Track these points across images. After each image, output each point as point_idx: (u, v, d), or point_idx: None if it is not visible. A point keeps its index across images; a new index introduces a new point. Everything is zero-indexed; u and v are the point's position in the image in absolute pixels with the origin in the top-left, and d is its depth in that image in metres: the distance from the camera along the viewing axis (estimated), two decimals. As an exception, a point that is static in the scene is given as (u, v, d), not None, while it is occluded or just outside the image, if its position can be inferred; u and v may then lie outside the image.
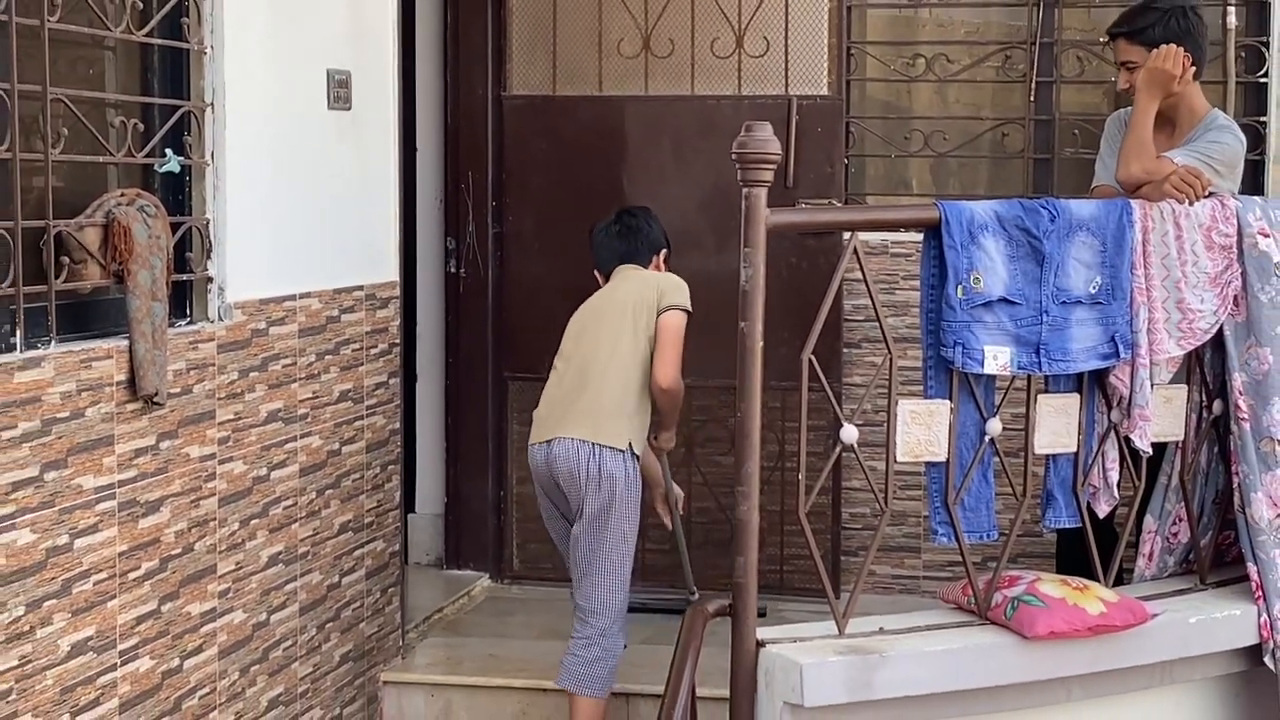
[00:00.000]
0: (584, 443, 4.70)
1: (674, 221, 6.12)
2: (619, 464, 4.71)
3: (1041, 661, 3.84)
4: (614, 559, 4.75)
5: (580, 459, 4.70)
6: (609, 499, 4.70)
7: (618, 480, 4.71)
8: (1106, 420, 4.04)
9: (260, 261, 4.35)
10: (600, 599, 4.74)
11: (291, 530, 4.55)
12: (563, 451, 4.71)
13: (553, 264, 6.13)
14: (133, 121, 3.88)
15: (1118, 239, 3.96)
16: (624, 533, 4.76)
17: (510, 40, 6.27)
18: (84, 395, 3.56)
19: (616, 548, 4.75)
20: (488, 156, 6.26)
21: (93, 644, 3.62)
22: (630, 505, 4.77)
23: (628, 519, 4.77)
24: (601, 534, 4.72)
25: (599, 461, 4.69)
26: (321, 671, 4.76)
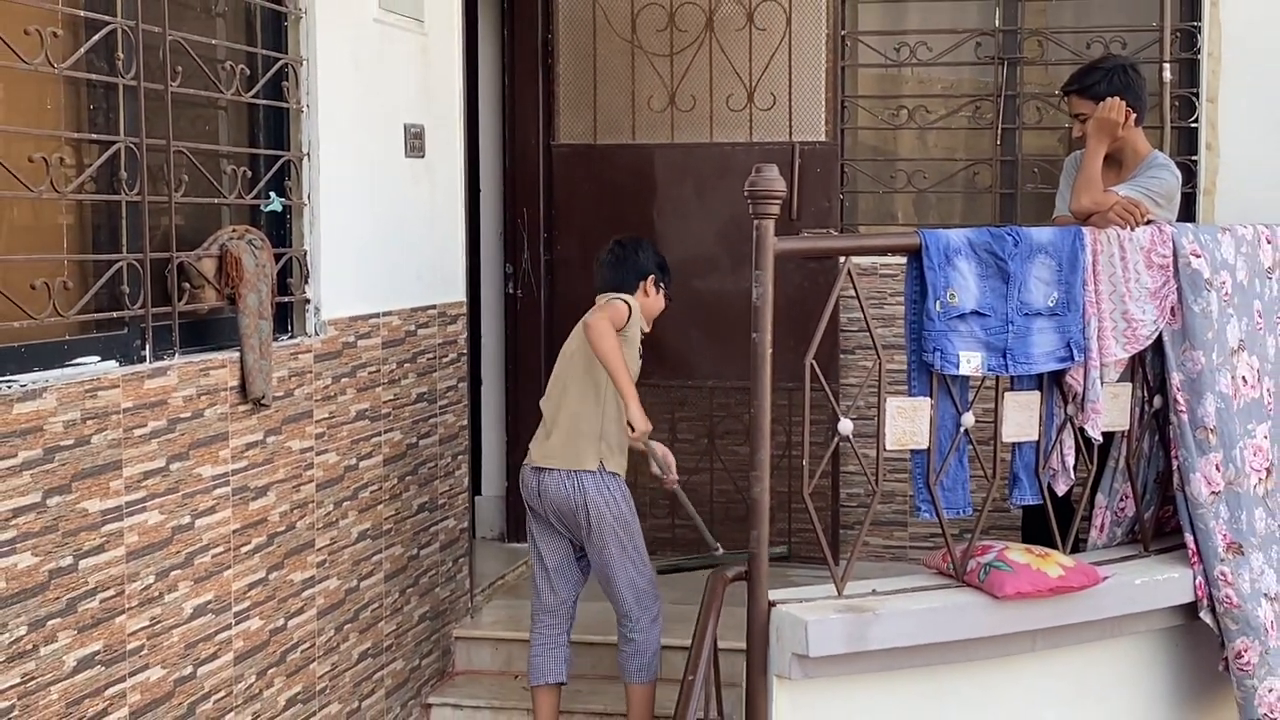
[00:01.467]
0: (567, 474, 4.43)
1: (695, 249, 6.15)
2: (597, 486, 4.44)
3: (1010, 618, 3.83)
4: (626, 569, 4.51)
5: (566, 490, 4.43)
6: (599, 521, 4.44)
7: (604, 504, 4.44)
8: (1063, 413, 4.02)
9: (349, 286, 4.37)
10: (628, 603, 4.53)
11: (377, 510, 4.56)
12: (552, 484, 4.45)
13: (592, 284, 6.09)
14: (242, 169, 3.90)
15: (1072, 260, 3.94)
16: (624, 544, 4.49)
17: (558, 97, 6.27)
18: (203, 398, 3.58)
19: (622, 559, 4.50)
20: (539, 195, 6.26)
21: (211, 606, 3.65)
22: (619, 520, 4.48)
23: (624, 530, 4.49)
24: (605, 552, 4.48)
25: (581, 489, 4.43)
26: (404, 629, 4.78)
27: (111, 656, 3.24)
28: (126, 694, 3.29)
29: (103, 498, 3.20)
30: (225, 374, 3.67)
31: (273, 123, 4.08)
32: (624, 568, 4.49)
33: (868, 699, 3.82)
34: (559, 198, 6.28)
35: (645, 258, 4.66)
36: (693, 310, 6.15)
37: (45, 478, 3.01)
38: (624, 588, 4.51)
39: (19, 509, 2.93)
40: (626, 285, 4.61)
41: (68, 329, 3.23)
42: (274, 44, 4.04)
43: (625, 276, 4.62)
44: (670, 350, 6.26)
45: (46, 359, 3.12)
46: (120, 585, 3.27)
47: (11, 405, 2.91)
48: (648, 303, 4.65)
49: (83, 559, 3.13)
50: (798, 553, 5.99)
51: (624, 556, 4.49)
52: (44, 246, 3.26)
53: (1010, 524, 5.18)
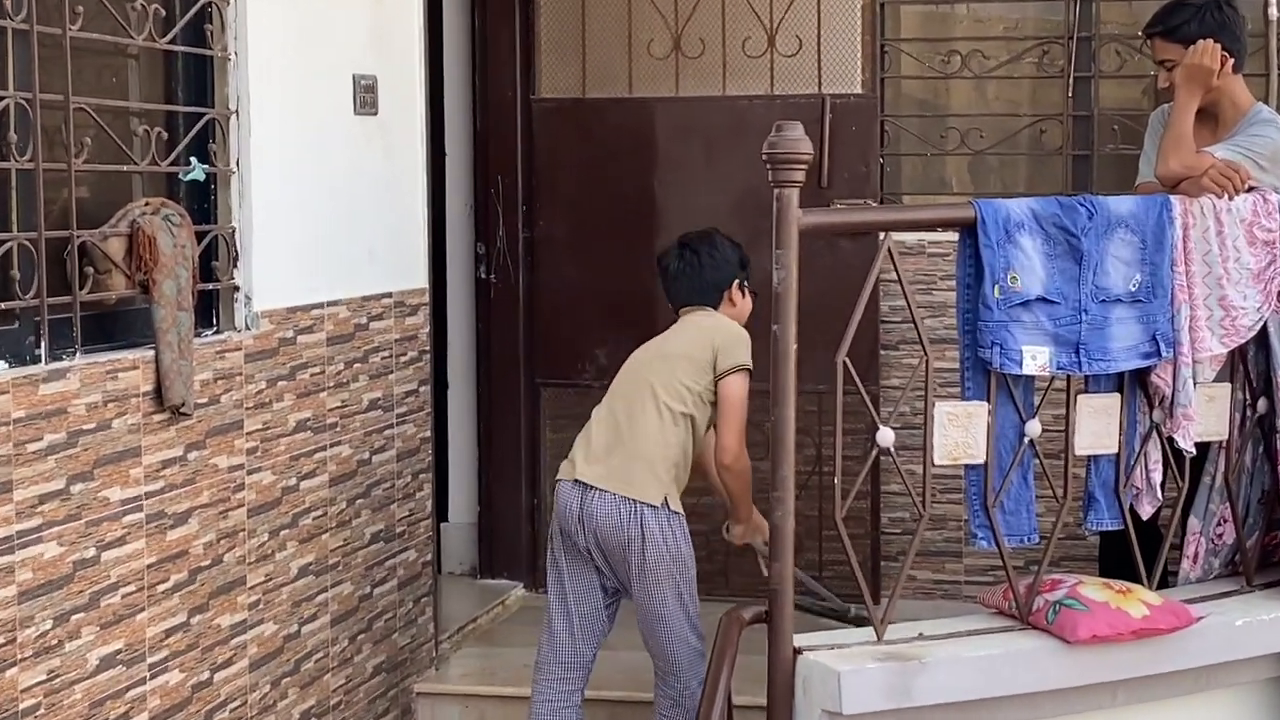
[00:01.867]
0: (624, 500, 4.40)
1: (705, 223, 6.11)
2: (658, 521, 4.41)
3: (1084, 666, 3.83)
4: (681, 622, 4.47)
5: (620, 518, 4.40)
6: (656, 561, 4.41)
7: (664, 541, 4.41)
8: (1148, 420, 4.02)
9: (287, 270, 4.35)
10: (679, 661, 4.49)
11: (322, 541, 4.55)
12: (603, 508, 4.40)
13: (585, 268, 6.14)
14: (156, 130, 3.88)
15: (1158, 236, 3.94)
16: (681, 592, 4.46)
17: (539, 43, 6.26)
18: (110, 406, 3.57)
19: (678, 609, 4.46)
20: (517, 160, 6.26)
21: (122, 657, 3.62)
22: (679, 563, 4.45)
23: (682, 576, 4.47)
24: (660, 598, 4.44)
25: (640, 524, 4.39)
26: (354, 683, 4.77)
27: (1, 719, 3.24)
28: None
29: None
30: (137, 377, 3.65)
31: (194, 74, 4.06)
32: (679, 619, 4.47)
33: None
34: (541, 164, 6.27)
35: (724, 260, 4.68)
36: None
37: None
38: (677, 642, 4.48)
39: (-112, 540, 2.93)
40: (707, 299, 4.65)
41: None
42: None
43: (702, 287, 4.65)
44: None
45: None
46: (10, 631, 3.25)
47: (-122, 415, 2.91)
48: (736, 312, 4.68)
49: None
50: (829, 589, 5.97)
51: (680, 607, 4.47)
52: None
53: (1085, 554, 5.19)
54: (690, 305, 4.65)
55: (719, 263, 4.65)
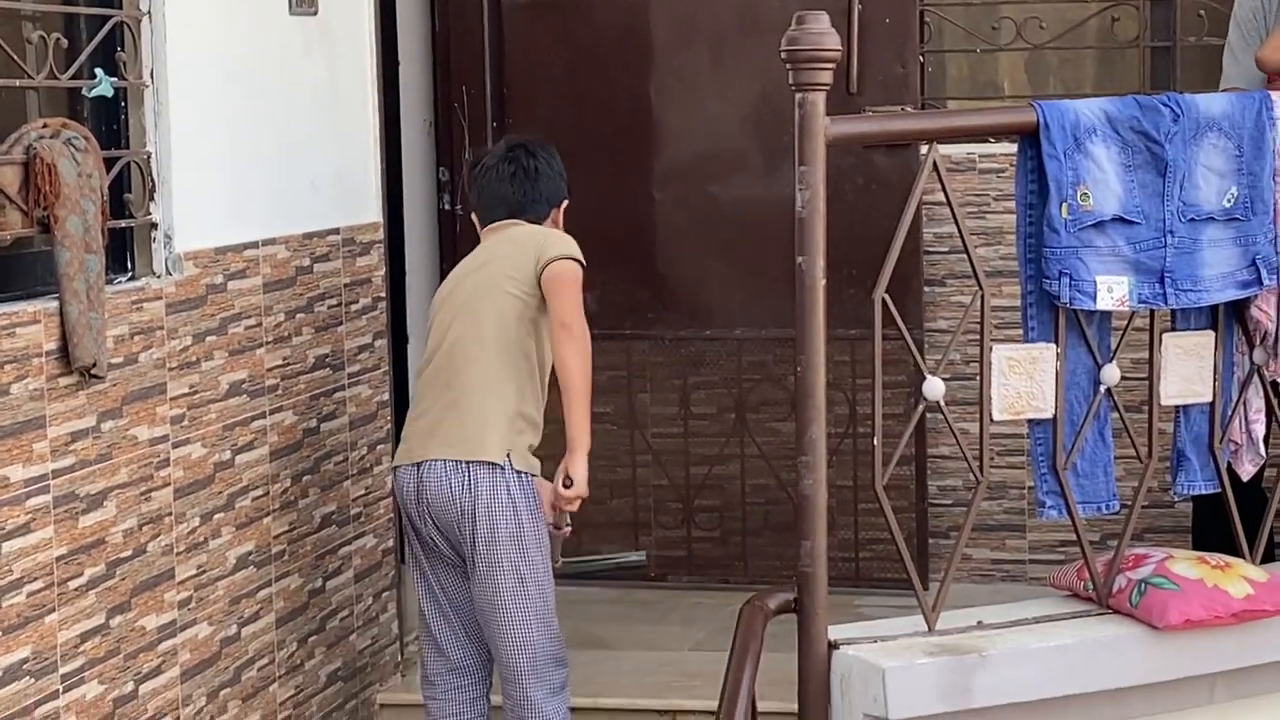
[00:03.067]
0: (455, 464, 4.39)
1: (711, 141, 6.15)
2: (497, 485, 4.39)
3: (1176, 656, 3.84)
4: (521, 609, 4.43)
5: (452, 487, 4.39)
6: (490, 531, 4.38)
7: (498, 508, 4.38)
8: (1248, 362, 4.02)
9: (214, 203, 4.36)
10: (518, 663, 4.46)
11: (263, 525, 4.57)
12: (434, 478, 4.40)
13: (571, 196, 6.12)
14: (54, 36, 3.85)
15: (1256, 141, 3.92)
16: (521, 572, 4.41)
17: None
18: (7, 369, 3.56)
19: (517, 593, 4.41)
20: (485, 69, 6.26)
21: (29, 667, 3.62)
22: (521, 536, 4.41)
23: (523, 552, 4.42)
24: (495, 579, 4.40)
25: (473, 485, 4.38)
26: (305, 694, 4.80)
27: (-114, 741, 3.25)
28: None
29: None
30: (39, 333, 3.65)
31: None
32: (519, 606, 4.43)
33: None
34: (512, 73, 6.28)
35: (558, 171, 4.73)
36: (712, 230, 6.17)
37: None
38: (514, 637, 4.44)
39: None
40: (535, 211, 4.66)
41: None
42: None
43: (536, 197, 4.67)
44: (680, 287, 6.27)
45: None
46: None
47: None
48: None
49: None
50: (869, 573, 6.04)
51: (520, 590, 4.42)
52: None
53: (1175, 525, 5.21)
54: (516, 217, 4.64)
55: (554, 174, 4.71)
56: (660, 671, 5.31)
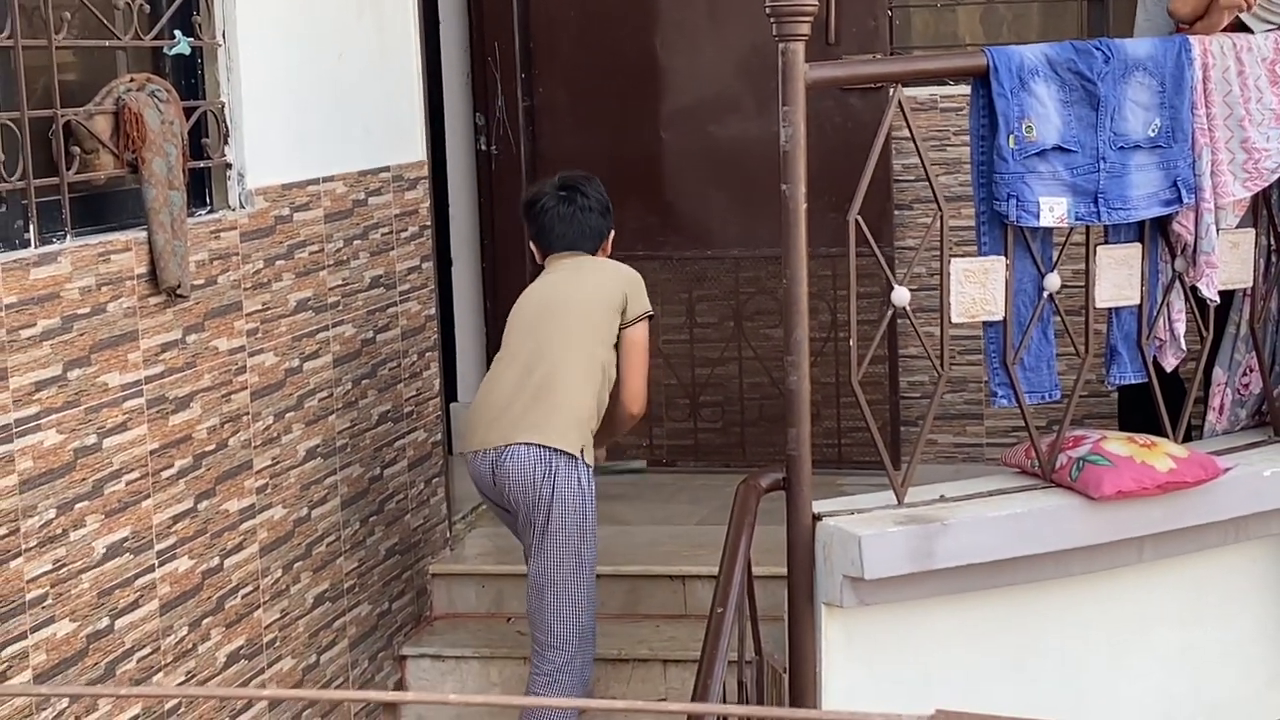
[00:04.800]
0: (541, 449, 4.30)
1: (711, 87, 6.11)
2: (573, 476, 4.32)
3: (1110, 522, 3.86)
4: (570, 585, 4.36)
5: (536, 471, 4.30)
6: (562, 513, 4.32)
7: (569, 494, 4.32)
8: (1171, 270, 4.02)
9: (280, 145, 4.34)
10: (557, 632, 4.36)
11: (328, 422, 4.57)
12: (515, 462, 4.31)
13: (589, 136, 6.10)
14: (139, 4, 3.83)
15: (1176, 78, 3.91)
16: (580, 554, 4.36)
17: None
18: (104, 290, 3.57)
19: (572, 572, 4.35)
20: (514, 25, 6.19)
21: (129, 545, 3.65)
22: (586, 523, 4.37)
23: (585, 539, 4.37)
24: (555, 555, 4.34)
25: (554, 474, 4.30)
26: (367, 566, 4.81)
27: (8, 609, 3.27)
28: (29, 653, 3.32)
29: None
30: (131, 259, 3.65)
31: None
32: (574, 585, 4.36)
33: (938, 627, 3.87)
34: (538, 28, 6.21)
35: (604, 207, 4.60)
36: (711, 164, 6.13)
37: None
38: (561, 603, 4.35)
39: (-117, 432, 2.95)
40: (586, 246, 4.57)
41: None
42: None
43: (587, 235, 4.57)
44: (684, 214, 6.24)
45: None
46: (14, 522, 3.28)
47: None
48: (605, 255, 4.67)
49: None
50: (849, 457, 6.04)
51: (577, 572, 4.36)
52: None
53: (1108, 411, 5.20)
54: (578, 250, 4.55)
55: (602, 208, 4.58)
56: (670, 543, 5.32)
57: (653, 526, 5.57)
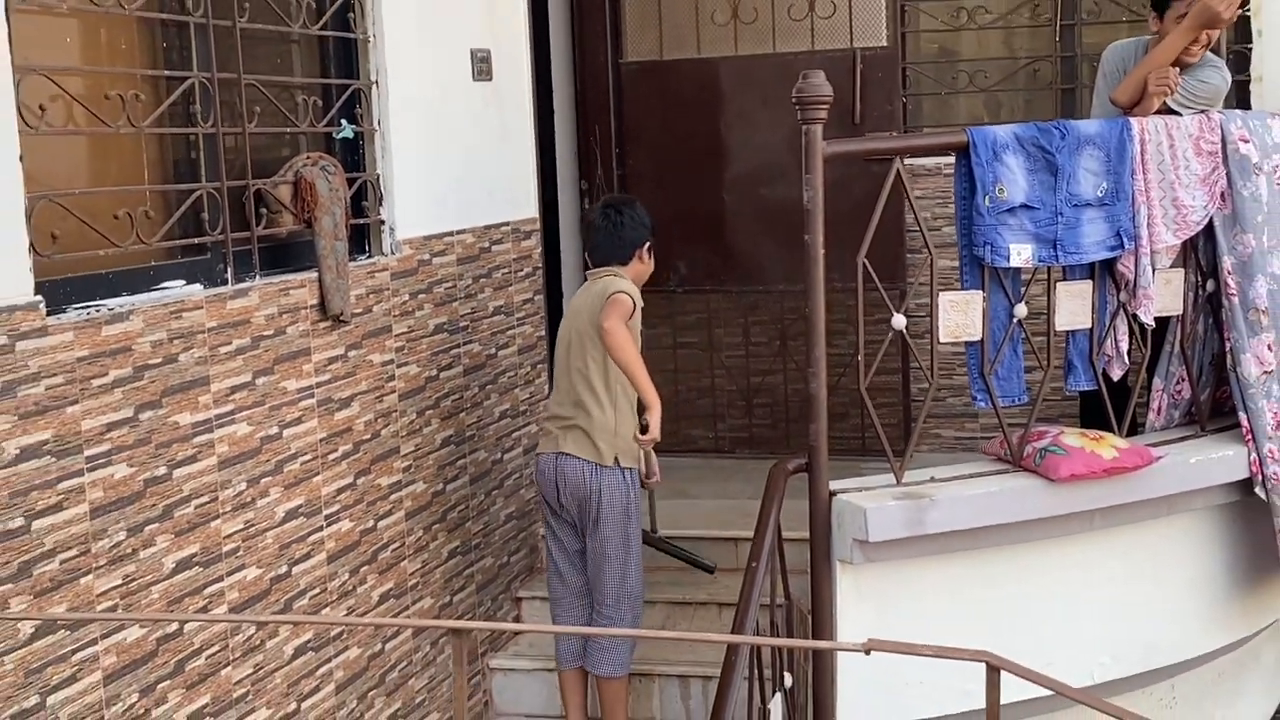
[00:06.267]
0: (585, 463, 4.21)
1: (762, 158, 6.13)
2: (615, 481, 4.22)
3: (1065, 499, 3.83)
4: (622, 563, 4.27)
5: (583, 479, 4.21)
6: (609, 513, 4.23)
7: (614, 497, 4.22)
8: (1116, 300, 3.99)
9: (422, 206, 4.37)
10: (613, 596, 4.28)
11: (459, 418, 4.61)
12: (573, 471, 4.22)
13: (666, 197, 6.10)
14: (313, 99, 3.93)
15: (1120, 150, 3.88)
16: (625, 539, 4.27)
17: (624, 15, 6.24)
18: (284, 317, 3.64)
19: (619, 552, 4.26)
20: (610, 112, 6.24)
21: (303, 511, 3.72)
22: (629, 515, 4.27)
23: (630, 526, 4.28)
24: (605, 545, 4.26)
25: (599, 481, 4.21)
26: (490, 528, 4.85)
27: (209, 558, 3.34)
28: (225, 592, 3.40)
29: (192, 411, 3.28)
30: (305, 293, 3.72)
31: (342, 53, 4.09)
32: (621, 560, 4.28)
33: (926, 580, 3.85)
34: (628, 113, 6.26)
35: (639, 223, 4.38)
36: (762, 218, 6.15)
37: (136, 394, 3.10)
38: (614, 582, 4.28)
39: (112, 424, 3.03)
40: (621, 255, 4.34)
41: (152, 255, 3.29)
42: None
43: (621, 246, 4.34)
44: (742, 257, 6.26)
45: (133, 284, 3.19)
46: (214, 492, 3.36)
47: (100, 328, 3.00)
48: (641, 269, 4.39)
49: (176, 468, 3.23)
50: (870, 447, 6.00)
51: (624, 549, 4.27)
52: (125, 179, 3.32)
53: (1065, 412, 5.15)
54: (606, 264, 4.33)
55: (636, 224, 4.36)
56: (727, 513, 5.31)
57: (713, 500, 5.57)
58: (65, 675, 2.92)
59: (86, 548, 2.97)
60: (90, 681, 2.99)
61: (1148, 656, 4.09)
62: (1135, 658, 4.07)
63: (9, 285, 2.78)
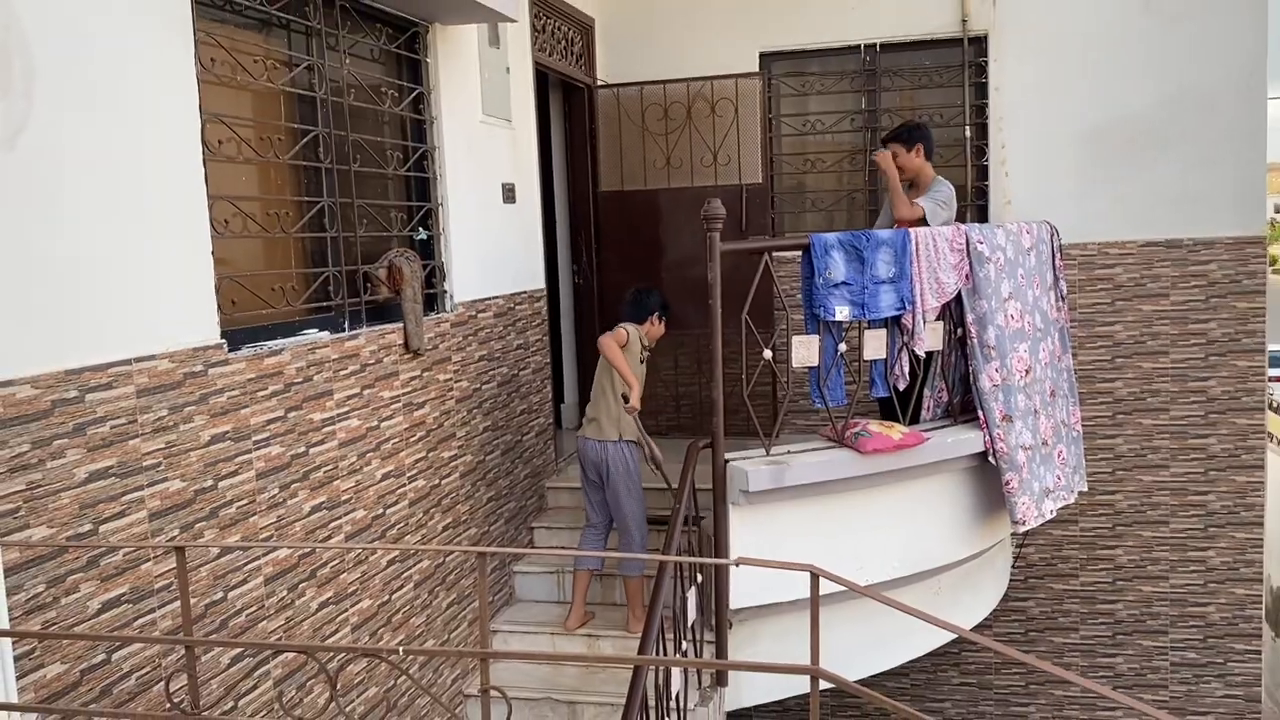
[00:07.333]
0: (600, 442, 4.16)
1: (687, 251, 6.06)
2: (617, 452, 4.15)
3: (872, 465, 3.85)
4: (630, 506, 4.17)
5: (597, 452, 4.16)
6: (615, 473, 4.15)
7: (616, 462, 4.15)
8: (901, 341, 3.99)
9: (471, 281, 4.33)
10: (630, 527, 4.19)
11: (494, 415, 4.54)
12: (591, 448, 4.18)
13: (625, 277, 6.03)
14: (400, 214, 3.88)
15: (903, 249, 3.90)
16: (629, 488, 4.17)
17: (600, 161, 6.17)
18: (381, 351, 3.59)
19: (628, 499, 4.16)
20: (591, 222, 6.19)
21: (391, 474, 3.66)
22: (629, 473, 4.17)
23: (631, 479, 4.18)
24: (618, 494, 4.16)
25: (606, 453, 4.15)
26: (514, 483, 4.77)
27: (333, 504, 3.29)
28: (343, 526, 3.34)
29: (321, 412, 3.23)
30: (395, 337, 3.68)
31: (419, 186, 4.05)
32: (630, 501, 4.19)
33: (787, 516, 3.84)
34: (603, 223, 6.20)
35: (653, 301, 4.32)
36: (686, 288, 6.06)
37: (285, 401, 3.05)
38: (628, 517, 4.19)
39: (270, 420, 2.98)
40: (639, 317, 4.29)
41: (296, 314, 3.26)
42: (417, 138, 4.01)
43: (639, 312, 4.31)
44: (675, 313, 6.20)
45: (284, 332, 3.15)
46: (335, 463, 3.31)
47: (263, 359, 2.95)
48: (653, 330, 4.31)
49: (312, 448, 3.18)
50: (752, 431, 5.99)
51: (629, 495, 4.18)
52: (280, 265, 3.28)
53: (871, 409, 5.15)
54: (629, 321, 4.27)
55: (650, 302, 4.30)
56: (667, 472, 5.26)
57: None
58: (240, 579, 2.86)
59: (253, 499, 2.91)
60: (255, 583, 2.92)
61: (923, 561, 4.10)
62: (915, 562, 4.08)
63: (204, 332, 2.73)
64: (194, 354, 2.69)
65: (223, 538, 2.78)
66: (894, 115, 5.92)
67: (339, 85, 3.46)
